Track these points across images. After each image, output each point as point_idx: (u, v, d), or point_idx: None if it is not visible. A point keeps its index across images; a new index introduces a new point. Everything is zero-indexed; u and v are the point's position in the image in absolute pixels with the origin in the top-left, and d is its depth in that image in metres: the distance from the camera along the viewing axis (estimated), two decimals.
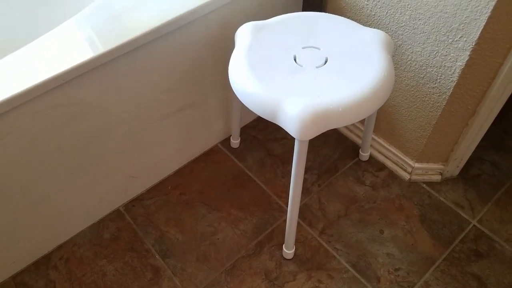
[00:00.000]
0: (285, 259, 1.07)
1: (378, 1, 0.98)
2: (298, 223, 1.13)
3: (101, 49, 0.82)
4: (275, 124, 1.36)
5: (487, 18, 0.80)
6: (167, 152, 1.18)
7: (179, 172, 1.25)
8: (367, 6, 1.02)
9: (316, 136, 1.32)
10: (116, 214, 1.17)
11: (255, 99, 0.78)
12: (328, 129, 0.75)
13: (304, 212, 1.16)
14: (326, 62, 0.83)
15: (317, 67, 0.82)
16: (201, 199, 1.19)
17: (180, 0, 0.93)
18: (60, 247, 1.10)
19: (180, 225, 1.14)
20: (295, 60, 0.84)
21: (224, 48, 1.08)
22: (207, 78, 1.11)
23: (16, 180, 0.89)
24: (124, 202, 1.19)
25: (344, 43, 0.87)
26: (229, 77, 0.84)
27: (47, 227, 1.04)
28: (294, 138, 0.78)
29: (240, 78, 0.80)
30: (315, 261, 1.06)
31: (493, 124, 1.34)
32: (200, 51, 1.03)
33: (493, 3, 0.77)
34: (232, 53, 0.87)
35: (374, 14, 1.02)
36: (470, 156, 1.25)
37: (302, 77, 0.80)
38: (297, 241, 1.10)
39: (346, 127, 1.32)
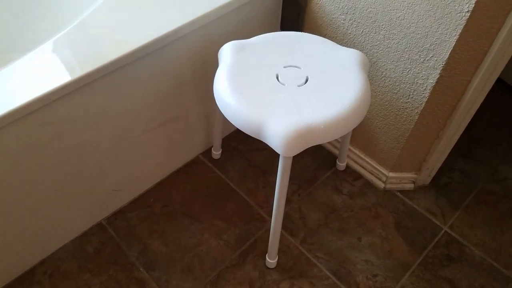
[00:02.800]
0: (269, 268, 1.10)
1: (354, 21, 1.03)
2: (280, 232, 1.17)
3: (80, 71, 0.82)
4: None
5: (455, 40, 0.86)
6: (148, 165, 1.19)
7: (161, 185, 1.26)
8: (343, 25, 1.07)
9: None
10: (98, 228, 1.16)
11: (240, 117, 0.80)
12: (311, 145, 0.79)
13: (285, 221, 1.19)
14: (307, 81, 0.87)
15: (298, 86, 0.86)
16: (184, 210, 1.21)
17: (161, 20, 0.94)
18: (43, 261, 1.09)
19: (164, 237, 1.15)
20: (277, 78, 0.87)
21: (205, 64, 1.10)
22: (189, 93, 1.13)
23: (3, 195, 0.88)
24: (106, 216, 1.19)
25: (323, 62, 0.91)
26: (215, 96, 0.87)
27: (30, 242, 1.03)
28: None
29: (225, 97, 0.83)
30: (297, 269, 1.10)
31: (462, 134, 1.42)
32: (181, 69, 1.05)
33: (461, 26, 0.83)
34: (216, 71, 0.90)
35: (350, 33, 1.07)
36: (441, 165, 1.32)
37: (285, 96, 0.83)
38: (279, 250, 1.13)
39: None
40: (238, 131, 1.41)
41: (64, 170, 0.96)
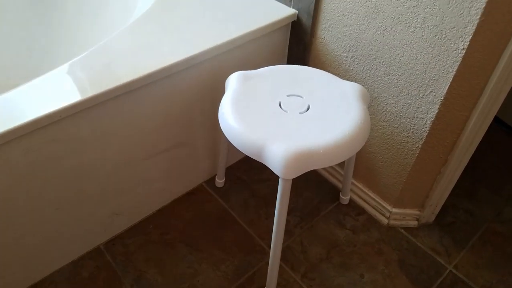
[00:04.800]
0: None
1: (356, 58, 1.08)
2: (280, 265, 1.15)
3: (90, 92, 0.86)
4: (260, 165, 1.41)
5: (453, 76, 0.89)
6: (151, 190, 1.20)
7: (161, 211, 1.27)
8: (346, 61, 1.11)
9: (299, 179, 1.37)
10: (96, 252, 1.16)
11: (243, 140, 0.82)
12: (310, 169, 0.80)
13: (286, 254, 1.17)
14: (308, 109, 0.90)
15: (300, 113, 0.88)
16: (183, 239, 1.20)
17: (174, 48, 1.00)
18: (36, 284, 1.08)
19: (160, 266, 1.14)
20: (280, 106, 0.90)
21: (213, 92, 1.14)
22: (196, 120, 1.16)
23: (3, 211, 0.89)
24: (104, 240, 1.18)
25: (324, 93, 0.94)
26: (219, 119, 0.90)
27: (25, 263, 1.03)
28: (278, 180, 0.82)
29: (229, 121, 0.86)
30: None
31: (466, 174, 1.42)
32: (190, 96, 1.09)
33: (458, 63, 0.86)
34: (222, 98, 0.93)
35: (352, 69, 1.11)
36: (445, 204, 1.31)
37: (287, 121, 0.86)
38: (278, 285, 1.10)
39: (327, 171, 1.37)
40: (242, 161, 1.43)
41: (67, 189, 0.98)
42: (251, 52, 1.14)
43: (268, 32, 1.12)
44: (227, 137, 0.87)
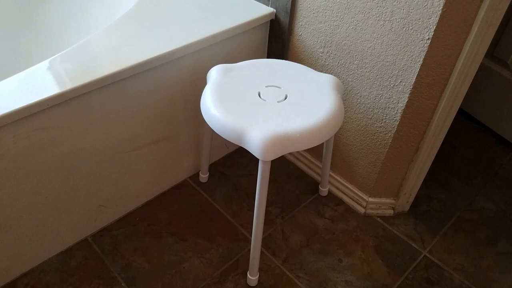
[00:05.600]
0: (250, 286, 1.11)
1: (331, 53, 1.14)
2: (262, 252, 1.19)
3: (77, 82, 0.90)
4: (242, 160, 1.46)
5: (420, 65, 0.96)
6: (137, 183, 1.24)
7: (148, 204, 1.30)
8: (322, 57, 1.18)
9: (280, 174, 1.42)
10: (84, 244, 1.18)
11: (224, 126, 0.87)
12: (288, 151, 0.85)
13: (268, 242, 1.22)
14: (286, 98, 0.95)
15: (278, 102, 0.94)
16: (169, 230, 1.24)
17: (157, 43, 1.05)
18: (26, 274, 1.10)
19: (147, 255, 1.17)
20: (259, 95, 0.96)
21: (195, 88, 1.19)
22: (180, 114, 1.21)
23: None
24: (92, 232, 1.21)
25: (301, 84, 1.00)
26: (201, 109, 0.95)
27: (13, 254, 1.05)
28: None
29: (211, 109, 0.91)
30: None
31: (439, 166, 1.49)
32: (173, 90, 1.13)
33: (424, 53, 0.93)
34: (203, 90, 0.99)
35: (327, 64, 1.17)
36: (419, 194, 1.38)
37: (265, 109, 0.91)
38: (261, 270, 1.15)
39: (306, 165, 1.43)
40: (225, 158, 1.47)
41: (55, 178, 1.01)
42: (232, 49, 1.20)
43: (247, 29, 1.18)
44: (209, 125, 0.92)
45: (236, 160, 1.47)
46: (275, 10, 1.21)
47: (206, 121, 0.92)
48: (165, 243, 1.20)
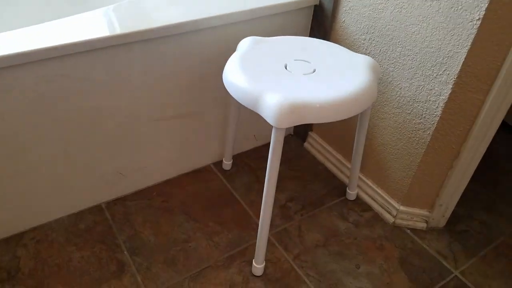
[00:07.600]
0: (254, 276, 1.03)
1: (373, 40, 1.07)
2: (274, 245, 1.11)
3: (117, 30, 0.91)
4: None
5: (467, 51, 0.86)
6: (158, 158, 1.21)
7: (167, 183, 1.27)
8: (363, 44, 1.11)
9: (308, 172, 1.34)
10: (96, 209, 1.17)
11: (241, 88, 0.83)
12: (304, 122, 0.79)
13: (281, 236, 1.14)
14: (314, 72, 0.89)
15: (304, 74, 0.88)
16: (182, 208, 1.19)
17: (201, 8, 1.04)
18: (35, 228, 1.10)
19: (156, 228, 1.13)
20: (285, 67, 0.90)
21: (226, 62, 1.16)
22: (209, 92, 1.18)
23: (11, 142, 0.93)
24: (107, 200, 1.20)
25: (334, 60, 0.94)
26: (223, 75, 0.91)
27: (26, 205, 1.05)
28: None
29: (230, 72, 0.87)
30: (283, 282, 1.02)
31: (487, 188, 1.34)
32: (207, 61, 1.11)
33: (473, 36, 0.84)
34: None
35: (369, 52, 1.10)
36: (459, 212, 1.24)
37: (289, 79, 0.86)
38: (269, 261, 1.07)
39: (337, 167, 1.34)
40: (253, 150, 1.42)
41: (74, 132, 1.01)
42: (272, 30, 1.17)
43: (289, 10, 1.15)
44: (227, 88, 0.87)
45: (263, 154, 1.41)
46: None
47: (226, 86, 0.88)
48: (175, 220, 1.16)
